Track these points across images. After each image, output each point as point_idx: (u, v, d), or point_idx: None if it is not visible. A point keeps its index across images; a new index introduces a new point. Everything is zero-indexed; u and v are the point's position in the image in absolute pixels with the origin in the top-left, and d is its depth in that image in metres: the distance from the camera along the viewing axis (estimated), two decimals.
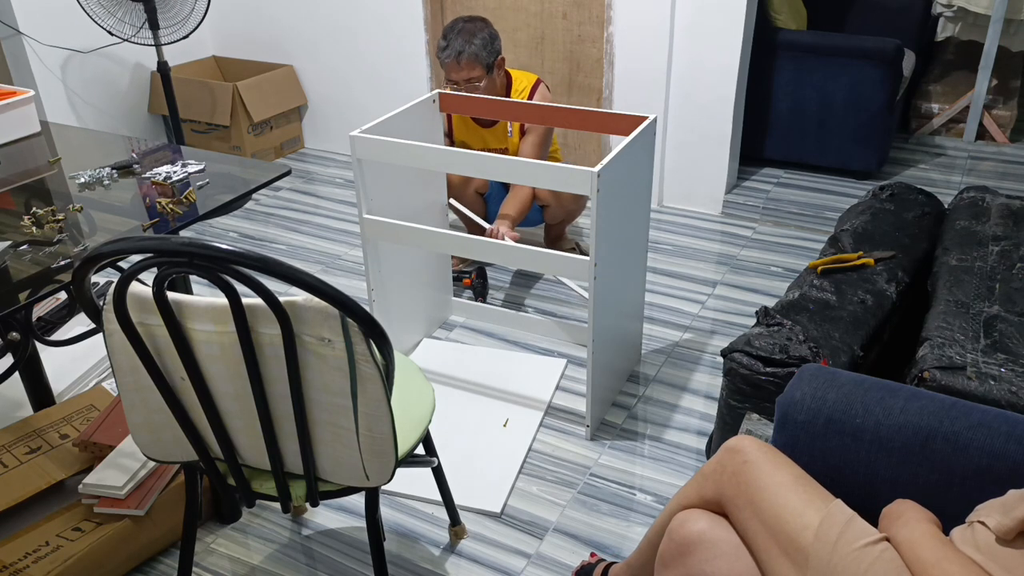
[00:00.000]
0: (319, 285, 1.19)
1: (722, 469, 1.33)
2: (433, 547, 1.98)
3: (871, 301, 2.00)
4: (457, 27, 2.82)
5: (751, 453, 1.30)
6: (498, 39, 2.86)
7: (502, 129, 3.02)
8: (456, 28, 2.82)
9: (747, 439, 1.34)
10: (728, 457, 1.33)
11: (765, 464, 1.28)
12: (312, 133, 4.51)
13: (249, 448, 1.42)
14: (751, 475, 1.28)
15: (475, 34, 2.79)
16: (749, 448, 1.32)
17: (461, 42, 2.77)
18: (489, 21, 2.87)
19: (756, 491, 1.26)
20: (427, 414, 1.64)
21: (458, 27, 2.82)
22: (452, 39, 2.79)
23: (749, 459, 1.30)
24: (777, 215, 3.64)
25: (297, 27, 4.21)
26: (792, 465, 1.30)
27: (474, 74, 2.79)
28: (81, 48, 3.78)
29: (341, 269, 3.28)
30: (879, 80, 3.71)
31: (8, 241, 1.78)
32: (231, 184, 2.07)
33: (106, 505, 1.86)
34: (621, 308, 2.39)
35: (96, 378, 2.53)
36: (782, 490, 1.24)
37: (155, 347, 1.31)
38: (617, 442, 2.31)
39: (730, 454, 1.33)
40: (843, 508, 1.21)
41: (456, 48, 2.77)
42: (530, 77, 2.97)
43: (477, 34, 2.79)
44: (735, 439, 1.36)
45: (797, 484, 1.25)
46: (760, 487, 1.26)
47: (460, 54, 2.76)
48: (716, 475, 1.34)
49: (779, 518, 1.22)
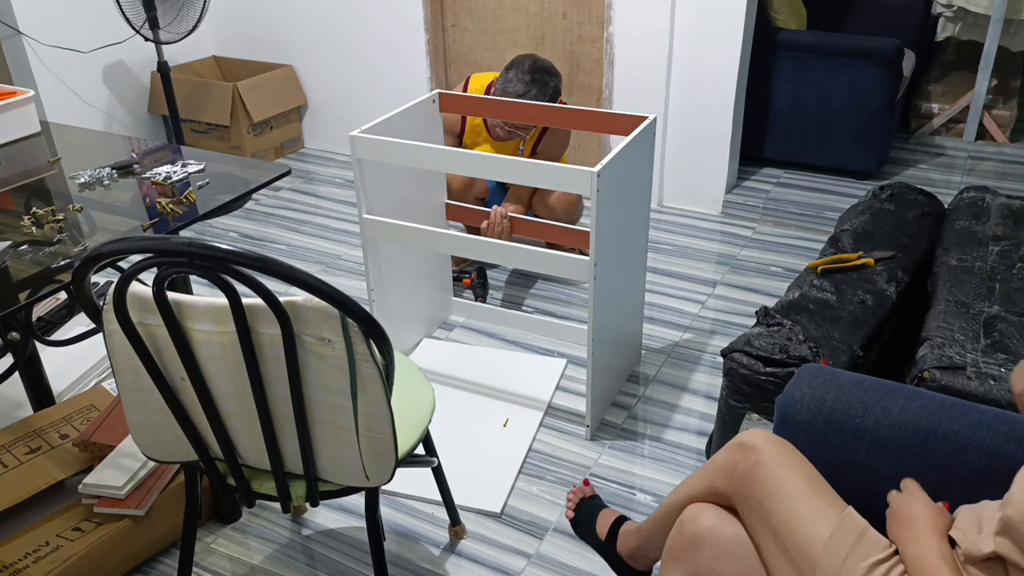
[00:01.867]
0: (319, 285, 1.19)
1: (734, 466, 1.30)
2: (433, 547, 1.98)
3: (871, 301, 2.00)
4: (539, 79, 2.74)
5: (764, 452, 1.27)
6: (560, 94, 2.83)
7: (513, 147, 3.01)
8: (539, 80, 2.74)
9: (760, 434, 1.31)
10: (741, 455, 1.30)
11: (778, 467, 1.25)
12: (312, 133, 4.51)
13: (249, 448, 1.42)
14: (763, 477, 1.25)
15: (549, 84, 2.75)
16: (762, 446, 1.28)
17: (540, 95, 2.73)
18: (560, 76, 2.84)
19: (767, 495, 1.24)
20: (427, 414, 1.64)
21: (541, 79, 2.74)
22: (533, 90, 2.72)
23: (762, 459, 1.26)
24: (777, 215, 3.64)
25: (297, 27, 4.21)
26: (806, 467, 1.27)
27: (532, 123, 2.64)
28: (81, 48, 3.78)
29: (341, 269, 3.28)
30: (879, 80, 3.71)
31: (8, 241, 1.78)
32: (231, 184, 2.07)
33: (106, 505, 1.86)
34: (621, 308, 2.39)
35: (96, 378, 2.53)
36: (794, 496, 1.21)
37: (155, 347, 1.31)
38: (617, 442, 2.31)
39: (743, 451, 1.30)
40: (855, 519, 1.19)
41: (535, 100, 2.69)
42: None
43: (551, 84, 2.75)
44: (748, 433, 1.32)
45: (809, 490, 1.22)
46: (771, 491, 1.23)
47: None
48: (728, 471, 1.31)
49: (789, 526, 1.20)
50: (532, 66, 2.76)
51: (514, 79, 2.75)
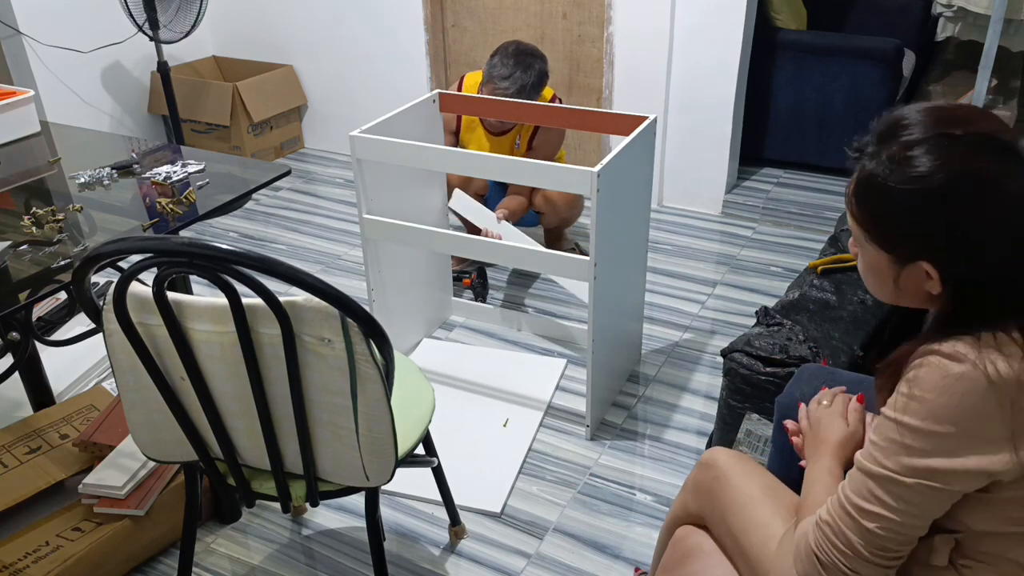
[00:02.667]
0: (319, 285, 1.19)
1: (698, 485, 1.35)
2: (433, 547, 1.98)
3: (871, 301, 2.00)
4: (523, 61, 2.75)
5: (722, 468, 1.31)
6: (548, 77, 2.83)
7: (510, 141, 3.01)
8: (521, 62, 2.74)
9: (719, 452, 1.35)
10: (702, 472, 1.34)
11: (734, 478, 1.28)
12: (312, 133, 4.51)
13: (249, 448, 1.42)
14: (721, 491, 1.28)
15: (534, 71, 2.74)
16: (720, 462, 1.32)
17: (524, 78, 2.72)
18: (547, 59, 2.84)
19: (727, 506, 1.27)
20: (427, 414, 1.64)
21: (524, 61, 2.75)
22: (517, 73, 2.72)
23: (719, 474, 1.30)
24: (777, 215, 3.65)
25: (297, 27, 4.21)
26: (762, 475, 1.29)
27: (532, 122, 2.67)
28: (81, 48, 3.78)
29: (341, 269, 3.28)
30: (879, 80, 3.71)
31: (8, 241, 1.78)
32: (231, 184, 2.07)
33: (106, 505, 1.86)
34: (621, 308, 2.39)
35: (96, 378, 2.53)
36: (749, 503, 1.24)
37: (155, 347, 1.31)
38: (617, 442, 2.31)
39: (704, 469, 1.34)
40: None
41: (518, 84, 2.72)
42: (547, 90, 2.95)
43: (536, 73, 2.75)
44: (709, 452, 1.36)
45: (764, 496, 1.24)
46: (729, 502, 1.26)
47: (520, 92, 2.72)
48: (695, 491, 1.35)
49: (746, 532, 1.22)
50: (516, 50, 2.78)
51: (498, 64, 2.77)
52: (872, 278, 1.10)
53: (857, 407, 1.30)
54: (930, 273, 1.01)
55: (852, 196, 1.06)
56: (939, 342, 0.99)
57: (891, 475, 1.00)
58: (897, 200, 1.00)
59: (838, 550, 1.03)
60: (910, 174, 0.97)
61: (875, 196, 1.02)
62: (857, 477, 1.04)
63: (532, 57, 2.77)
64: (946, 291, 1.02)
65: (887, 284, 1.08)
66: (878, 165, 1.01)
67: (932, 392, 0.97)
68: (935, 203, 0.97)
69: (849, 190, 1.07)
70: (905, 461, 0.99)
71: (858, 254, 1.11)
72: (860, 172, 1.04)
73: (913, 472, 0.98)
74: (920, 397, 0.98)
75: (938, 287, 1.02)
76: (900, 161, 0.98)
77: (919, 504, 1.00)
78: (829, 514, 1.05)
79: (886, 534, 1.01)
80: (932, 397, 0.97)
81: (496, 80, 2.74)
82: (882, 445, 1.01)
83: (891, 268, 1.05)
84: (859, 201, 1.05)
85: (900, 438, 0.99)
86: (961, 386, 0.95)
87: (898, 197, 0.99)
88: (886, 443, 1.01)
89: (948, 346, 0.97)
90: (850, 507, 1.03)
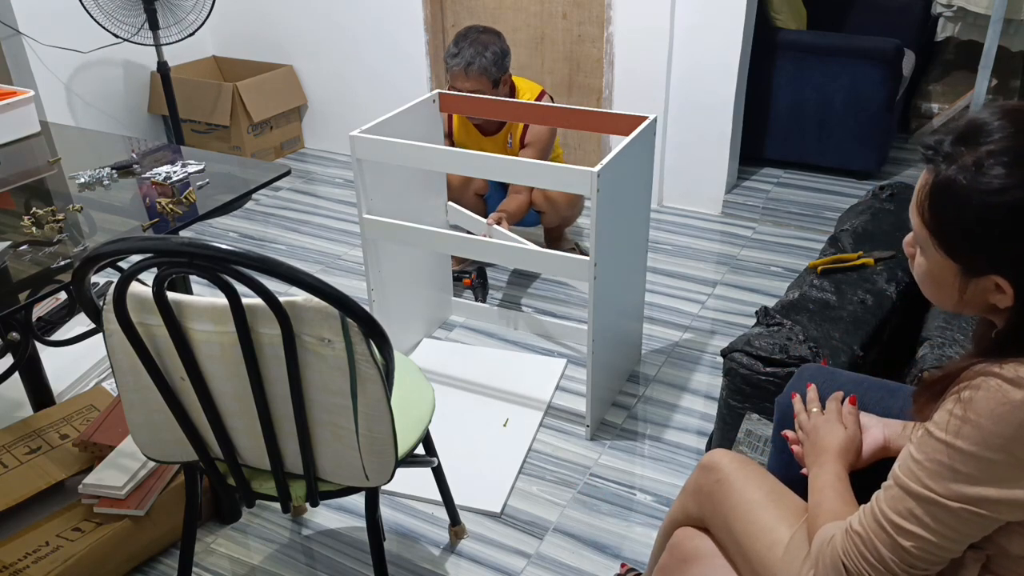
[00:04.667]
0: (319, 285, 1.19)
1: (699, 488, 1.34)
2: (433, 547, 1.98)
3: (871, 301, 2.00)
4: (471, 36, 2.77)
5: (724, 471, 1.30)
6: (509, 56, 2.83)
7: (502, 139, 3.01)
8: (469, 37, 2.77)
9: (722, 454, 1.34)
10: (704, 476, 1.33)
11: (737, 482, 1.27)
12: (312, 133, 4.51)
13: (249, 448, 1.42)
14: (723, 494, 1.27)
15: (487, 47, 2.75)
16: (723, 465, 1.31)
17: (472, 53, 2.73)
18: (503, 36, 2.84)
19: (729, 511, 1.26)
20: (427, 414, 1.64)
21: (471, 36, 2.77)
22: (464, 48, 2.75)
23: (722, 478, 1.29)
24: (777, 215, 3.64)
25: (297, 27, 4.21)
26: (766, 479, 1.29)
27: (479, 87, 2.75)
28: (81, 48, 3.78)
29: (341, 269, 3.28)
30: (879, 80, 3.71)
31: (8, 241, 1.78)
32: (231, 184, 2.07)
33: (106, 505, 1.86)
34: (621, 308, 2.39)
35: (96, 378, 2.53)
36: (753, 508, 1.23)
37: (155, 347, 1.31)
38: (617, 442, 2.31)
39: (705, 472, 1.33)
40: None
41: (466, 58, 2.73)
42: (535, 88, 2.95)
43: (489, 47, 2.75)
44: (710, 455, 1.35)
45: (768, 500, 1.23)
46: (732, 506, 1.25)
47: (470, 65, 2.73)
48: (695, 494, 1.35)
49: (750, 537, 1.21)
50: (465, 30, 2.81)
51: (452, 47, 2.79)
52: (931, 284, 1.05)
53: (851, 410, 1.29)
54: (1003, 287, 0.96)
55: (925, 200, 0.99)
56: (999, 363, 0.94)
57: (936, 498, 0.96)
58: (978, 211, 0.93)
59: (868, 563, 1.01)
60: (995, 186, 0.92)
61: (953, 205, 0.96)
62: (896, 494, 1.00)
63: (482, 34, 2.79)
64: (1016, 306, 0.97)
65: (951, 293, 1.02)
66: (958, 171, 0.94)
67: (988, 419, 0.92)
68: (1018, 217, 0.92)
69: (922, 193, 1.00)
70: (953, 487, 0.95)
71: (915, 256, 1.06)
72: (936, 176, 0.97)
73: (961, 498, 0.95)
74: (975, 422, 0.93)
75: (1010, 301, 0.97)
76: (983, 170, 0.93)
77: (960, 529, 0.97)
78: (861, 525, 1.03)
79: (921, 553, 0.98)
80: (988, 424, 0.92)
81: (447, 60, 2.79)
82: (927, 466, 0.97)
83: (959, 278, 0.99)
84: (933, 207, 0.98)
85: (950, 461, 0.95)
86: (1020, 415, 0.91)
87: (979, 209, 0.93)
88: (933, 465, 0.96)
89: (1010, 369, 0.92)
90: (886, 522, 1.00)
